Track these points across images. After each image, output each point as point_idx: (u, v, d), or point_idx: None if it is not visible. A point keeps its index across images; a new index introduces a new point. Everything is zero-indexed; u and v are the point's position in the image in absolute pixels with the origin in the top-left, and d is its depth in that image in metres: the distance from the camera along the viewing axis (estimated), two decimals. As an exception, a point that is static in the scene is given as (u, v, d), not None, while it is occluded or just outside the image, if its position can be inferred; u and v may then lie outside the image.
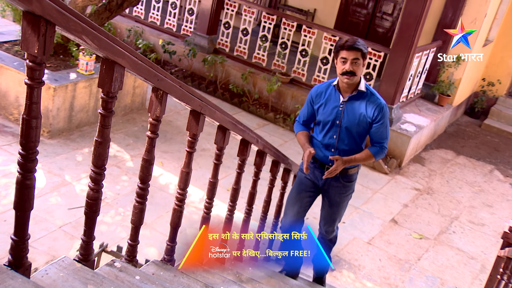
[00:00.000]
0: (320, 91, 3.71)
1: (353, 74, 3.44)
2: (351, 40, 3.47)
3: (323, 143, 3.67)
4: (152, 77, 2.17)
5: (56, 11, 1.55)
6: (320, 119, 3.68)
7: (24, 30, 1.55)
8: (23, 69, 5.59)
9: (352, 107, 3.57)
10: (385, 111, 3.58)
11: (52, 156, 5.45)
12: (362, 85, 3.56)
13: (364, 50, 3.46)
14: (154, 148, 2.48)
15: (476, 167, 7.89)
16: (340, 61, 3.47)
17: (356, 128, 3.57)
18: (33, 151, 1.78)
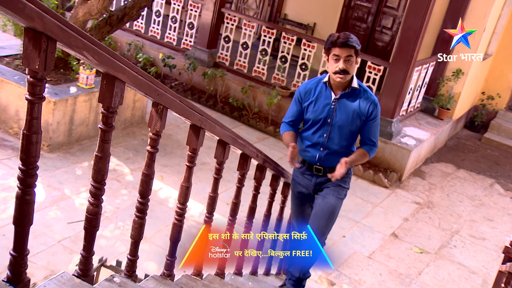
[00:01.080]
0: (309, 88, 3.55)
1: (346, 72, 3.31)
2: (344, 36, 3.30)
3: (311, 142, 3.54)
4: (152, 92, 2.18)
5: (57, 28, 1.56)
6: (309, 117, 3.53)
7: (26, 46, 1.56)
8: (24, 83, 5.61)
9: (344, 104, 3.44)
10: (378, 108, 3.50)
11: (51, 170, 5.44)
12: (354, 82, 3.43)
13: (358, 47, 3.31)
14: (154, 163, 2.48)
15: (476, 181, 7.88)
16: (332, 59, 3.33)
17: (349, 126, 3.45)
18: (33, 166, 1.78)
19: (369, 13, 9.59)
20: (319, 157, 3.53)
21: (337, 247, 5.44)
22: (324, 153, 3.51)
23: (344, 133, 3.46)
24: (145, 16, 9.08)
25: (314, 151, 3.53)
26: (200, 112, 2.62)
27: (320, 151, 3.51)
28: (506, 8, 9.06)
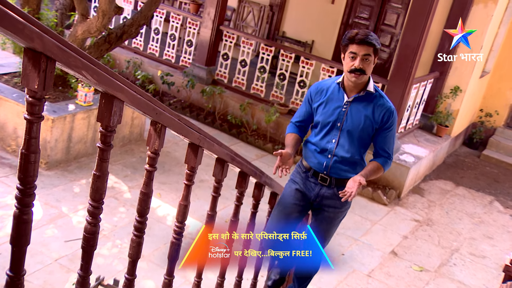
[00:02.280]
0: (321, 88, 3.29)
1: (363, 72, 3.03)
2: (363, 32, 3.04)
3: (319, 148, 3.26)
4: (151, 110, 2.17)
5: (56, 48, 1.56)
6: (319, 119, 3.26)
7: (25, 66, 1.56)
8: (22, 101, 5.60)
9: (357, 108, 3.16)
10: (394, 116, 3.20)
11: (49, 188, 5.42)
12: (370, 86, 3.15)
13: (377, 46, 3.05)
14: (152, 182, 2.47)
15: (475, 198, 7.86)
16: (348, 56, 3.05)
17: (359, 133, 3.17)
18: (31, 185, 1.76)
19: (367, 31, 9.63)
20: (326, 164, 3.25)
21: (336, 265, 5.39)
22: (332, 160, 3.23)
23: (354, 140, 3.19)
24: (144, 33, 9.12)
25: (321, 158, 3.26)
26: (198, 131, 2.62)
27: (327, 158, 3.24)
28: (503, 27, 9.12)
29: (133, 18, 6.10)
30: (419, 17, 6.76)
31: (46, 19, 6.34)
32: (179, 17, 8.99)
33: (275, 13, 10.45)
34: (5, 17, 1.39)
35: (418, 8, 6.78)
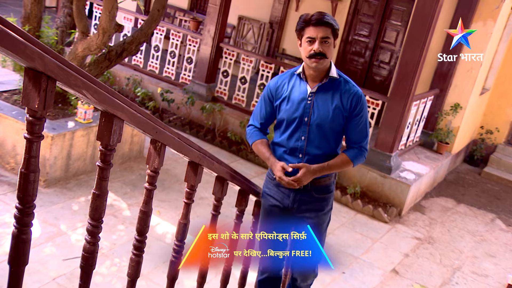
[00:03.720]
0: (281, 83, 3.02)
1: (323, 56, 2.81)
2: (318, 14, 2.82)
3: (287, 148, 2.99)
4: (151, 129, 2.17)
5: (57, 67, 1.57)
6: (282, 117, 2.98)
7: (25, 86, 1.57)
8: (22, 118, 5.59)
9: (323, 98, 2.92)
10: (363, 101, 2.95)
11: (47, 206, 5.38)
12: (333, 71, 2.92)
13: (336, 26, 2.83)
14: (151, 200, 2.46)
15: (477, 216, 7.81)
16: (305, 41, 2.83)
17: (329, 125, 2.91)
18: (30, 205, 1.76)
19: (367, 48, 9.67)
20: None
21: (337, 283, 5.34)
22: (304, 160, 2.97)
23: (325, 134, 2.94)
24: (144, 51, 9.14)
25: (291, 159, 3.00)
26: (198, 149, 2.61)
27: (299, 158, 2.98)
28: (502, 44, 9.15)
29: (133, 36, 6.11)
30: (419, 34, 6.78)
31: (46, 36, 6.36)
32: (179, 34, 9.02)
33: (275, 30, 10.49)
34: (7, 38, 1.40)
35: (417, 25, 6.80)
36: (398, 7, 9.26)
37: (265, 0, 10.47)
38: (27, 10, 6.19)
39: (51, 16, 8.58)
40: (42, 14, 6.41)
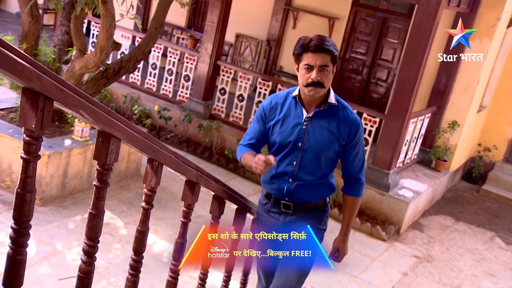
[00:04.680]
0: (276, 103, 2.87)
1: (321, 85, 2.67)
2: (317, 39, 2.65)
3: (278, 172, 2.87)
4: (148, 148, 2.15)
5: (55, 87, 1.56)
6: (275, 140, 2.85)
7: (23, 106, 1.56)
8: (18, 136, 5.57)
9: (319, 124, 2.79)
10: (361, 129, 2.85)
11: (43, 224, 5.33)
12: (331, 97, 2.79)
13: (335, 52, 2.67)
14: (148, 219, 2.45)
15: (476, 234, 7.77)
16: (303, 68, 2.68)
17: (324, 152, 2.79)
18: (26, 225, 1.75)
19: (364, 66, 9.70)
20: (287, 190, 2.89)
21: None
22: (294, 185, 2.85)
23: (319, 160, 2.82)
24: (141, 68, 9.15)
25: (281, 183, 2.88)
26: (195, 168, 2.59)
27: (288, 183, 2.86)
28: (499, 62, 9.19)
29: (130, 53, 6.11)
30: (416, 52, 6.80)
31: (44, 54, 6.36)
32: (176, 52, 9.04)
33: (272, 48, 10.53)
34: (5, 59, 1.40)
35: (414, 43, 6.82)
36: (395, 25, 9.31)
37: (262, 18, 10.52)
38: (25, 29, 6.19)
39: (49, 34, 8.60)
40: (40, 32, 6.42)
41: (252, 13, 10.51)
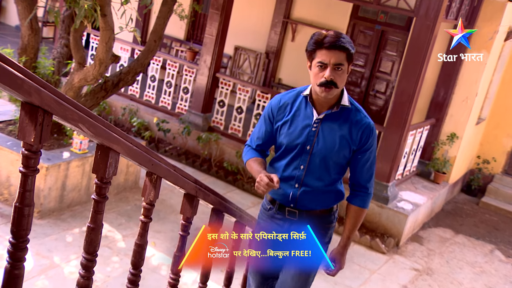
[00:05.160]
0: (285, 103, 2.69)
1: (334, 85, 2.49)
2: (333, 35, 2.47)
3: (284, 176, 2.69)
4: (147, 162, 2.15)
5: (54, 102, 1.57)
6: (283, 142, 2.67)
7: (22, 120, 1.57)
8: (16, 149, 5.56)
9: (330, 127, 2.61)
10: (374, 134, 2.66)
11: (41, 237, 5.30)
12: (345, 99, 2.63)
13: (352, 50, 2.51)
14: (147, 233, 2.44)
15: (476, 247, 7.74)
16: (315, 66, 2.50)
17: (334, 157, 2.62)
18: (24, 239, 1.74)
19: (363, 78, 9.72)
20: (293, 196, 2.70)
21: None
22: (300, 191, 2.68)
23: (328, 166, 2.64)
24: (140, 80, 9.16)
25: (286, 188, 2.70)
26: (194, 181, 2.59)
27: (294, 188, 2.68)
28: (497, 74, 9.22)
29: (129, 66, 6.12)
30: (414, 64, 6.82)
31: (43, 67, 6.37)
32: (175, 64, 9.06)
33: (271, 60, 10.55)
34: (4, 73, 1.40)
35: (412, 56, 6.85)
36: (393, 38, 9.34)
37: (261, 31, 10.56)
38: (24, 41, 6.20)
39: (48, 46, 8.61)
40: (39, 45, 6.43)
41: (251, 26, 10.55)
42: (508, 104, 9.62)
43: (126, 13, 4.74)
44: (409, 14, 7.09)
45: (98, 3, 4.86)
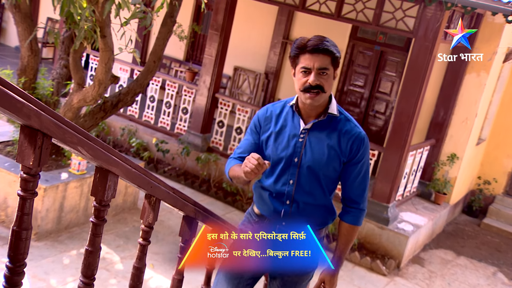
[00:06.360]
0: (272, 113, 2.57)
1: (321, 89, 2.37)
2: (316, 39, 2.36)
3: (273, 191, 2.55)
4: (146, 184, 2.12)
5: (53, 125, 1.57)
6: (269, 154, 2.54)
7: (21, 143, 1.56)
8: (14, 170, 5.52)
9: (318, 137, 2.48)
10: (366, 145, 2.51)
11: (38, 260, 5.23)
12: (333, 107, 2.50)
13: (337, 54, 2.38)
14: (145, 255, 2.42)
15: (478, 269, 7.66)
16: (299, 71, 2.38)
17: (323, 169, 2.47)
18: (21, 263, 1.72)
19: (362, 98, 9.73)
20: (284, 213, 2.55)
21: None
22: (292, 208, 2.52)
23: (318, 179, 2.50)
24: (139, 101, 9.16)
25: (277, 205, 2.55)
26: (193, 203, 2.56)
27: (286, 205, 2.53)
28: (496, 95, 9.23)
29: (129, 87, 6.11)
30: (413, 85, 6.82)
31: (42, 88, 6.36)
32: (174, 85, 9.06)
33: (271, 80, 10.57)
34: (5, 97, 1.40)
35: (411, 76, 6.85)
36: (392, 58, 9.37)
37: (260, 52, 10.59)
38: (24, 62, 6.20)
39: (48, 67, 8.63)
40: (39, 66, 6.43)
41: (250, 47, 10.59)
42: (508, 124, 9.62)
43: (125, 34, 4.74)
44: (408, 35, 7.11)
45: (97, 25, 4.87)
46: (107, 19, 4.94)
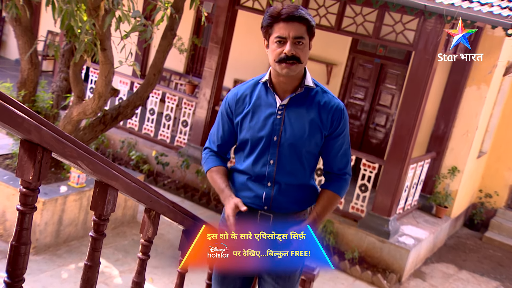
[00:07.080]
0: (242, 94, 2.42)
1: (297, 59, 2.23)
2: (290, 7, 2.23)
3: (252, 175, 2.41)
4: (145, 198, 2.10)
5: (53, 139, 1.56)
6: (245, 137, 2.40)
7: (21, 158, 1.56)
8: (13, 183, 5.48)
9: (297, 112, 2.35)
10: (346, 116, 2.40)
11: (36, 274, 5.18)
12: (308, 79, 2.36)
13: (312, 22, 2.26)
14: (145, 270, 2.40)
15: (480, 283, 7.59)
16: (273, 42, 2.24)
17: (305, 145, 2.34)
18: (19, 279, 1.70)
19: (363, 111, 9.72)
20: (266, 197, 2.39)
21: None
22: (274, 190, 2.38)
23: (299, 157, 2.36)
24: (139, 114, 9.14)
25: (258, 189, 2.40)
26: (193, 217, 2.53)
27: (267, 188, 2.38)
28: (497, 107, 9.22)
29: (128, 99, 6.10)
30: (414, 98, 6.81)
31: (42, 101, 6.35)
32: (174, 97, 9.05)
33: (270, 94, 10.57)
34: (4, 112, 1.40)
35: (412, 89, 6.85)
36: (393, 71, 9.38)
37: (261, 64, 10.60)
38: (23, 75, 6.19)
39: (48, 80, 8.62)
40: (39, 79, 6.42)
41: (250, 59, 10.60)
42: (509, 137, 9.60)
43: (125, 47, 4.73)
44: (408, 48, 7.12)
45: (98, 38, 4.87)
46: (107, 32, 4.94)
